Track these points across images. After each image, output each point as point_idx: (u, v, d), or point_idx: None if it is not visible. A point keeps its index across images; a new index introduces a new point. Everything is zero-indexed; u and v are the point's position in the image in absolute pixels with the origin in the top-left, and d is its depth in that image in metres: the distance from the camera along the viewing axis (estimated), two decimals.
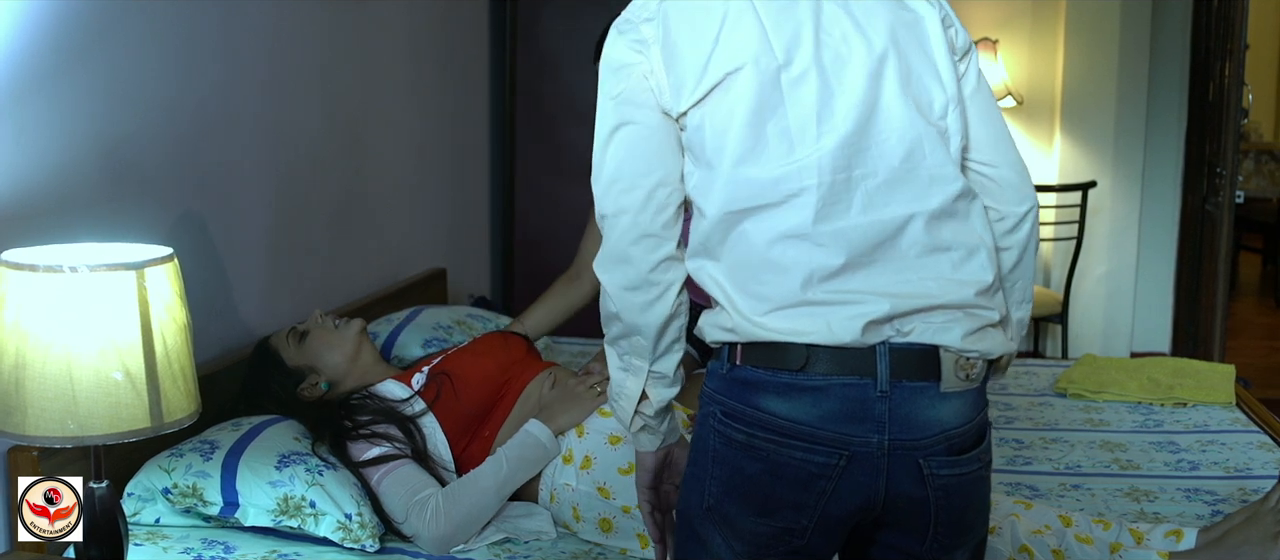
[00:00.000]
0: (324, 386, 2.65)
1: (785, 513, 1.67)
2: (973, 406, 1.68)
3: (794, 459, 1.64)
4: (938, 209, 1.65)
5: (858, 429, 1.62)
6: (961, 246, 1.67)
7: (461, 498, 2.34)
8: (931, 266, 1.65)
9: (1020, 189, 1.76)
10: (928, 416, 1.64)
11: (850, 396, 1.62)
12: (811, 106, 1.62)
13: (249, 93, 2.91)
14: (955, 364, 1.63)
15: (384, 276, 3.73)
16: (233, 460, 2.33)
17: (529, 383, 2.66)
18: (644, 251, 1.70)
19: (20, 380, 1.72)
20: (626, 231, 1.69)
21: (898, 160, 1.64)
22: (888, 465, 1.63)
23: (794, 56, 1.63)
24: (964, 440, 1.67)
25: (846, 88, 1.63)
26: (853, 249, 1.62)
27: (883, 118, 1.64)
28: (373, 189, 3.64)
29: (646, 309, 1.71)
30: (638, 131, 1.69)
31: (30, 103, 2.18)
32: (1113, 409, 3.35)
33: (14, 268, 1.73)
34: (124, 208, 2.44)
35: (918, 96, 1.67)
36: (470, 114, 4.55)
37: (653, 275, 1.70)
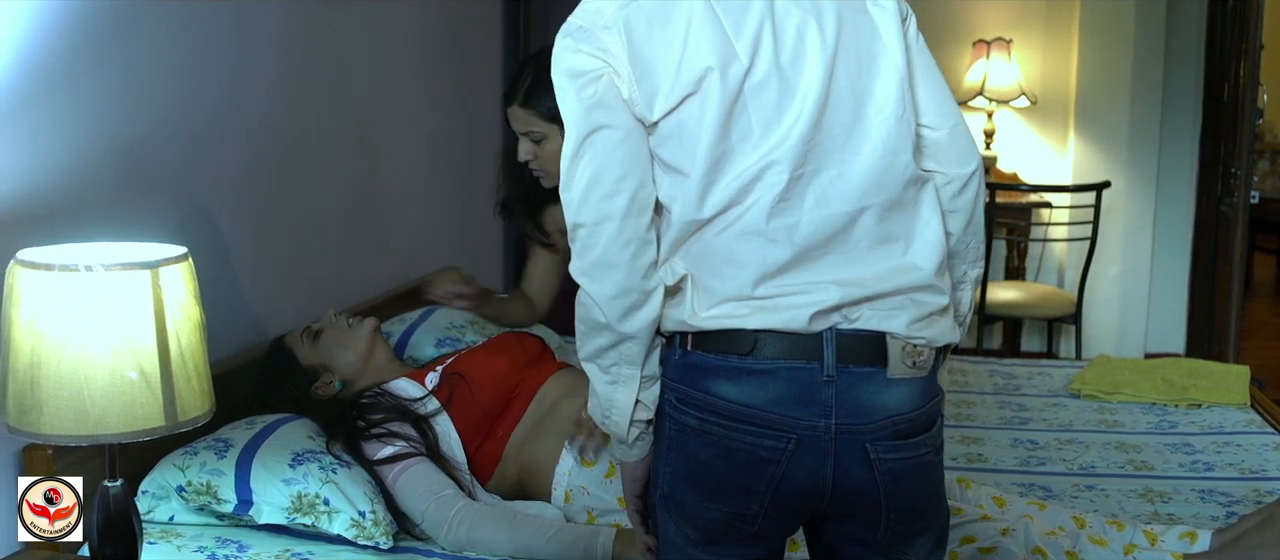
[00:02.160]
0: (338, 385, 2.65)
1: (736, 497, 1.68)
2: (921, 394, 1.69)
3: (744, 443, 1.66)
4: (889, 200, 1.67)
5: (805, 412, 1.64)
6: (909, 234, 1.69)
7: (488, 525, 2.31)
8: (881, 256, 1.67)
9: (965, 150, 1.76)
10: (874, 401, 1.65)
11: (797, 380, 1.64)
12: (772, 108, 1.63)
13: (262, 93, 2.92)
14: (902, 350, 1.65)
15: (397, 276, 3.74)
16: (247, 458, 2.34)
17: (543, 383, 2.65)
18: (631, 257, 1.66)
19: (35, 379, 1.72)
20: (613, 238, 1.66)
21: (850, 154, 1.65)
22: (835, 449, 1.65)
23: (756, 59, 1.63)
24: (912, 426, 1.68)
25: (803, 86, 1.64)
26: (803, 243, 1.64)
27: (836, 112, 1.65)
28: (386, 188, 3.64)
29: (637, 313, 1.68)
30: (613, 135, 1.65)
31: (45, 104, 2.18)
32: (1127, 410, 3.34)
33: (29, 267, 1.74)
34: (138, 207, 2.44)
35: (870, 84, 1.67)
36: (482, 113, 4.55)
37: (642, 281, 1.67)
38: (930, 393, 1.71)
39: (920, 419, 1.70)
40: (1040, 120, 5.90)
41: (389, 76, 3.63)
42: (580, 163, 1.66)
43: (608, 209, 1.65)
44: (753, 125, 1.63)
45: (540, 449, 2.53)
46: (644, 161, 1.67)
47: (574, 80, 1.66)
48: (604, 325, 1.69)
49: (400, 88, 3.72)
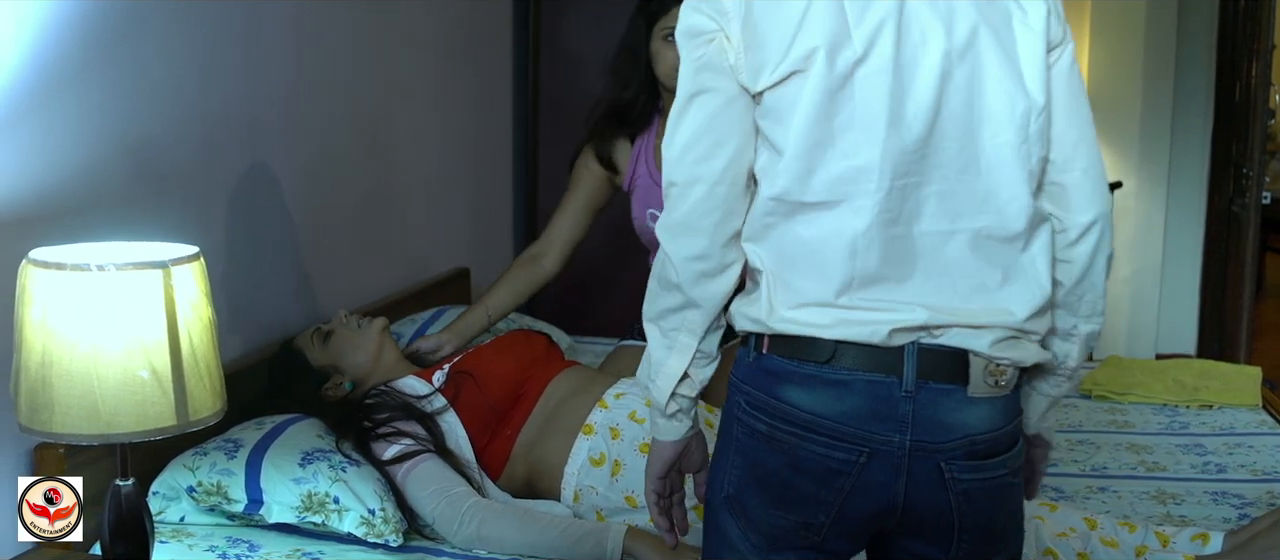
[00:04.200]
0: (347, 386, 2.66)
1: (803, 507, 1.66)
2: (1002, 414, 1.65)
3: (814, 453, 1.63)
4: (992, 230, 1.61)
5: (880, 427, 1.60)
6: (1009, 272, 1.63)
7: (499, 523, 2.31)
8: (974, 288, 1.62)
9: (1090, 197, 1.66)
10: (953, 419, 1.61)
11: (875, 393, 1.60)
12: (882, 107, 1.57)
13: (274, 93, 2.92)
14: (985, 369, 1.61)
15: (407, 276, 3.74)
16: (257, 458, 2.34)
17: (551, 381, 2.65)
18: (715, 223, 1.65)
19: (47, 378, 1.72)
20: (700, 202, 1.64)
21: (955, 172, 1.60)
22: (908, 466, 1.61)
23: (871, 51, 1.57)
24: (990, 446, 1.64)
25: (917, 90, 1.57)
26: (896, 260, 1.60)
27: (949, 125, 1.59)
28: (396, 189, 3.65)
29: (709, 282, 1.67)
30: (715, 99, 1.63)
31: (57, 103, 2.19)
32: (1138, 411, 3.33)
33: (41, 266, 1.74)
34: (150, 207, 2.45)
35: (991, 103, 1.59)
36: (492, 114, 4.55)
37: (722, 251, 1.66)
38: (1011, 413, 1.67)
39: (1001, 440, 1.65)
40: None
41: (400, 76, 3.63)
42: (682, 122, 1.65)
43: (700, 172, 1.64)
44: (856, 117, 1.58)
45: (549, 447, 2.53)
46: (744, 130, 1.64)
47: (690, 40, 1.65)
48: (675, 285, 1.68)
49: (411, 88, 3.73)
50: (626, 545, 2.23)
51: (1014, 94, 1.59)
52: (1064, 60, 1.64)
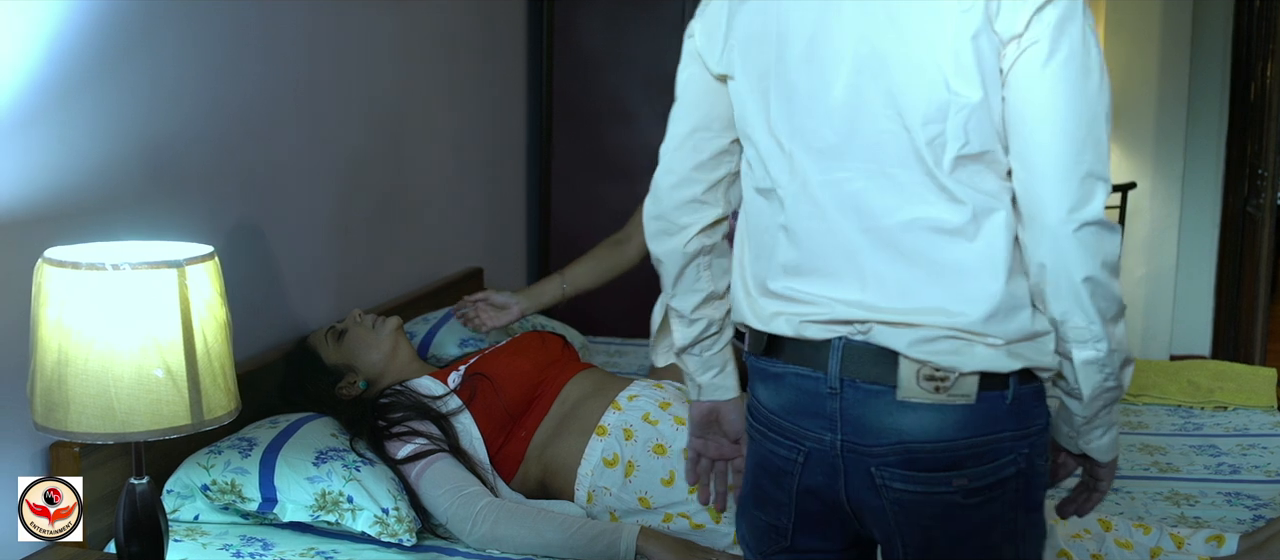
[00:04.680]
0: (362, 385, 2.66)
1: (770, 507, 1.69)
2: (956, 424, 1.54)
3: (769, 451, 1.67)
4: (925, 221, 1.52)
5: (812, 424, 1.60)
6: (950, 269, 1.52)
7: (512, 522, 2.31)
8: (904, 282, 1.54)
9: (1043, 206, 1.50)
10: (882, 423, 1.55)
11: (804, 388, 1.61)
12: (807, 101, 1.58)
13: (289, 93, 2.93)
14: (917, 372, 1.52)
15: (421, 275, 3.75)
16: (271, 457, 2.34)
17: (566, 383, 2.66)
18: (669, 187, 1.77)
19: (63, 377, 1.73)
20: (663, 163, 1.78)
21: (874, 166, 1.54)
22: (843, 467, 1.59)
23: (800, 44, 1.58)
24: (933, 458, 1.55)
25: (836, 85, 1.56)
26: (818, 249, 1.59)
27: (864, 121, 1.54)
28: (410, 188, 3.65)
29: (662, 240, 1.79)
30: (684, 79, 1.75)
31: (74, 103, 2.19)
32: (1152, 412, 3.32)
33: (57, 265, 1.74)
34: (166, 206, 2.46)
35: (901, 99, 1.52)
36: (507, 114, 4.56)
37: (673, 213, 1.77)
38: (973, 425, 1.54)
39: (953, 453, 1.54)
40: None
41: (414, 77, 3.64)
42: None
43: (670, 135, 1.77)
44: (789, 114, 1.60)
45: (563, 449, 2.53)
46: (708, 108, 1.73)
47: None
48: (648, 241, 1.83)
49: (425, 88, 3.73)
50: (640, 545, 2.23)
51: (921, 90, 1.51)
52: (1031, 56, 1.48)
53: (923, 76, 1.50)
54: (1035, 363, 1.56)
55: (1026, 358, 1.55)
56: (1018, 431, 1.57)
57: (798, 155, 1.60)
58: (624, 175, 4.74)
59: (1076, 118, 1.49)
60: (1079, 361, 1.57)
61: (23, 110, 2.08)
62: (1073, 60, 1.48)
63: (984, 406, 1.54)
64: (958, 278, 1.52)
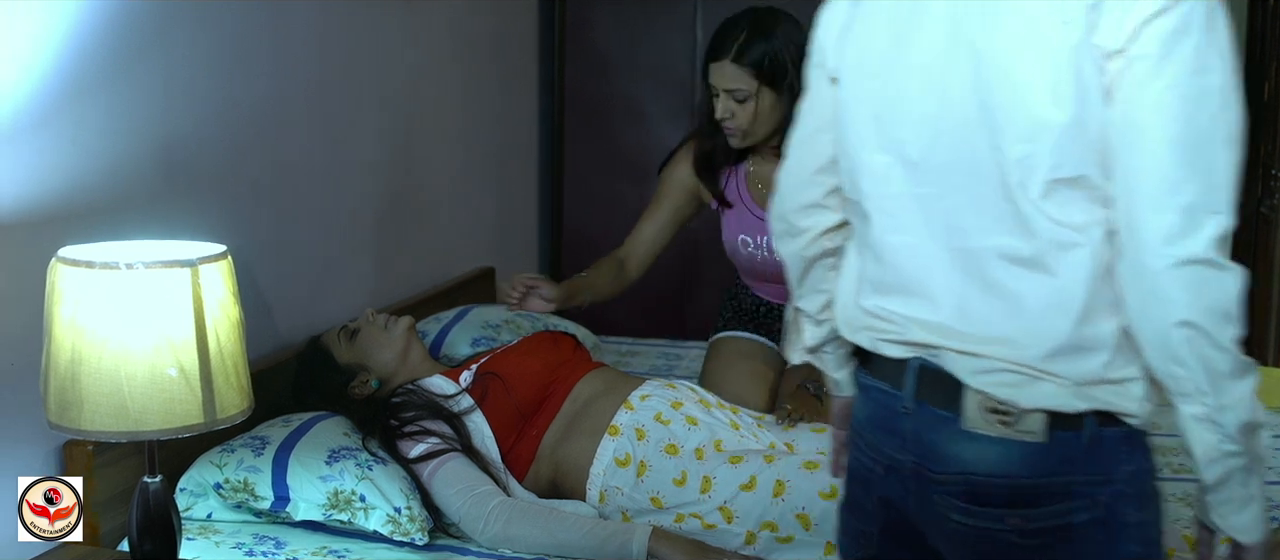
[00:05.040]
0: (374, 384, 2.67)
1: (860, 514, 1.67)
2: (1023, 462, 1.45)
3: (857, 458, 1.66)
4: (1005, 249, 1.43)
5: (888, 441, 1.57)
6: (1024, 301, 1.43)
7: (524, 522, 2.31)
8: (978, 309, 1.46)
9: (1137, 239, 1.36)
10: (948, 450, 1.50)
11: (883, 404, 1.58)
12: (900, 111, 1.51)
13: (301, 94, 2.94)
14: (980, 403, 1.46)
15: (433, 275, 3.75)
16: (283, 455, 2.35)
17: (577, 382, 2.66)
18: (790, 189, 1.73)
19: (77, 375, 1.74)
20: (784, 167, 1.73)
21: (962, 183, 1.46)
22: (914, 488, 1.55)
23: (898, 51, 1.51)
24: (993, 493, 1.48)
25: (931, 95, 1.47)
26: (903, 269, 1.53)
27: (956, 135, 1.45)
28: (422, 188, 3.66)
29: (785, 241, 1.75)
30: (810, 78, 1.69)
31: (87, 103, 2.20)
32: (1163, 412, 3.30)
33: (71, 264, 1.75)
34: (178, 206, 2.46)
35: (994, 115, 1.41)
36: (518, 114, 4.56)
37: (794, 215, 1.73)
38: (1044, 466, 1.45)
39: (1006, 489, 1.46)
40: None
41: (426, 77, 3.64)
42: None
43: (794, 135, 1.72)
44: (873, 120, 1.54)
45: (574, 448, 2.53)
46: (825, 110, 1.65)
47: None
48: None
49: (437, 88, 3.74)
50: (651, 546, 2.23)
51: (1016, 110, 1.40)
52: (1136, 72, 1.34)
53: (1016, 93, 1.39)
54: (1115, 407, 1.44)
55: (1101, 400, 1.43)
56: (1095, 476, 1.46)
57: (888, 167, 1.52)
58: (636, 175, 4.73)
59: (1180, 141, 1.33)
60: (1186, 416, 1.42)
61: (36, 111, 2.09)
62: (1183, 77, 1.33)
63: (1055, 446, 1.45)
64: (1026, 311, 1.43)
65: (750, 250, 3.02)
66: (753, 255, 3.03)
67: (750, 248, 3.02)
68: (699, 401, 2.60)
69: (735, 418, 2.60)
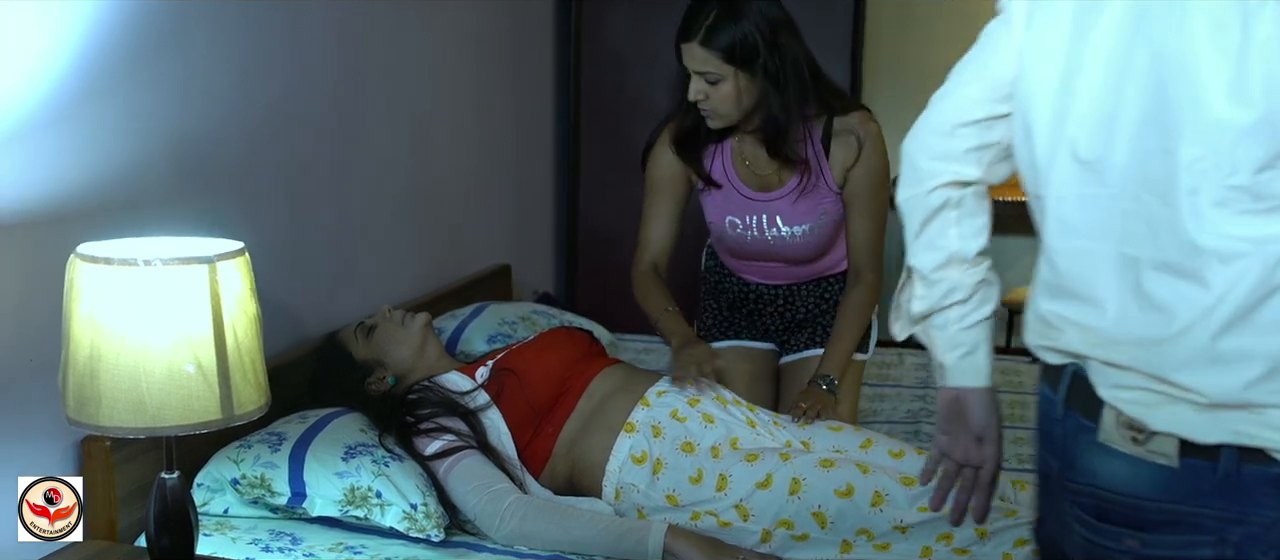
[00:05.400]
0: (391, 381, 2.67)
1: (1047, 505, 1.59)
2: (1150, 483, 1.38)
3: (1038, 452, 1.58)
4: (1168, 261, 1.34)
5: (1046, 448, 1.52)
6: (1178, 315, 1.33)
7: (540, 519, 2.31)
8: (1134, 321, 1.38)
9: None
10: (1084, 461, 1.44)
11: (1044, 410, 1.52)
12: (1077, 104, 1.42)
13: (318, 92, 2.94)
14: (1116, 417, 1.40)
15: (449, 272, 3.76)
16: (300, 451, 2.36)
17: (593, 379, 2.66)
18: (930, 135, 1.63)
19: (95, 371, 1.74)
20: (933, 108, 1.63)
21: (1132, 187, 1.37)
22: (1056, 496, 1.50)
23: (1082, 43, 1.42)
24: (1121, 512, 1.41)
25: (1109, 91, 1.38)
26: (1070, 273, 1.45)
27: (1130, 133, 1.36)
28: (438, 186, 3.66)
29: (906, 186, 1.65)
30: (989, 33, 1.59)
31: (106, 101, 2.21)
32: None
33: (89, 261, 1.76)
34: (196, 203, 2.47)
35: (1171, 114, 1.32)
36: (534, 111, 4.56)
37: (920, 156, 1.63)
38: (1168, 491, 1.37)
39: (1132, 509, 1.40)
40: None
41: (442, 75, 3.65)
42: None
43: (948, 81, 1.64)
44: (1048, 115, 1.46)
45: (590, 445, 2.53)
46: (993, 75, 1.56)
47: None
48: None
49: (453, 87, 3.74)
50: (667, 543, 2.23)
51: (1201, 102, 1.29)
52: None
53: (1196, 90, 1.29)
54: (1256, 440, 1.32)
55: (1240, 431, 1.32)
56: (1228, 514, 1.35)
57: (1063, 166, 1.44)
58: None
59: None
60: None
61: (55, 108, 2.10)
62: None
63: (1186, 473, 1.36)
64: (1173, 322, 1.33)
65: (739, 231, 2.95)
66: (742, 236, 2.96)
67: (739, 229, 2.94)
68: (715, 399, 2.60)
69: (752, 415, 2.60)
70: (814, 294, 3.07)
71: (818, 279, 3.07)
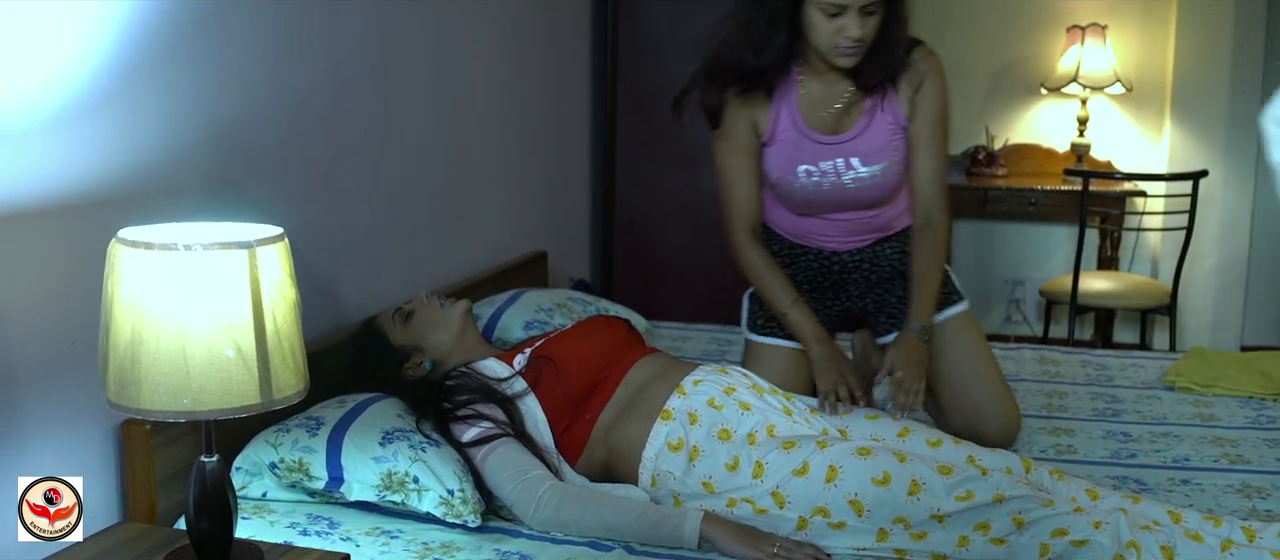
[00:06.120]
0: (428, 366, 2.68)
1: None
2: None
3: None
4: None
5: None
6: None
7: (575, 506, 2.31)
8: None
9: None
10: None
11: None
12: None
13: (356, 78, 2.95)
14: None
15: (486, 258, 3.76)
16: (338, 436, 2.37)
17: (631, 367, 2.66)
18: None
19: (136, 355, 1.75)
20: None
21: None
22: None
23: None
24: None
25: None
26: None
27: None
28: (475, 172, 3.67)
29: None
30: None
31: (146, 87, 2.22)
32: (1223, 403, 3.27)
33: (129, 246, 1.76)
34: (235, 188, 2.48)
35: None
36: (571, 99, 4.56)
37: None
38: None
39: None
40: (1135, 107, 5.78)
41: (480, 63, 3.65)
42: None
43: None
44: None
45: (627, 432, 2.53)
46: None
47: None
48: None
49: (491, 74, 3.75)
50: (703, 530, 2.23)
51: None
52: None
53: None
54: None
55: None
56: None
57: None
58: (687, 161, 4.73)
59: None
60: None
61: (97, 94, 2.11)
62: None
63: None
64: None
65: (815, 179, 2.83)
66: (816, 185, 2.84)
67: (815, 176, 2.83)
68: (752, 387, 2.59)
69: (788, 403, 2.59)
70: (884, 254, 3.00)
71: (880, 239, 3.00)
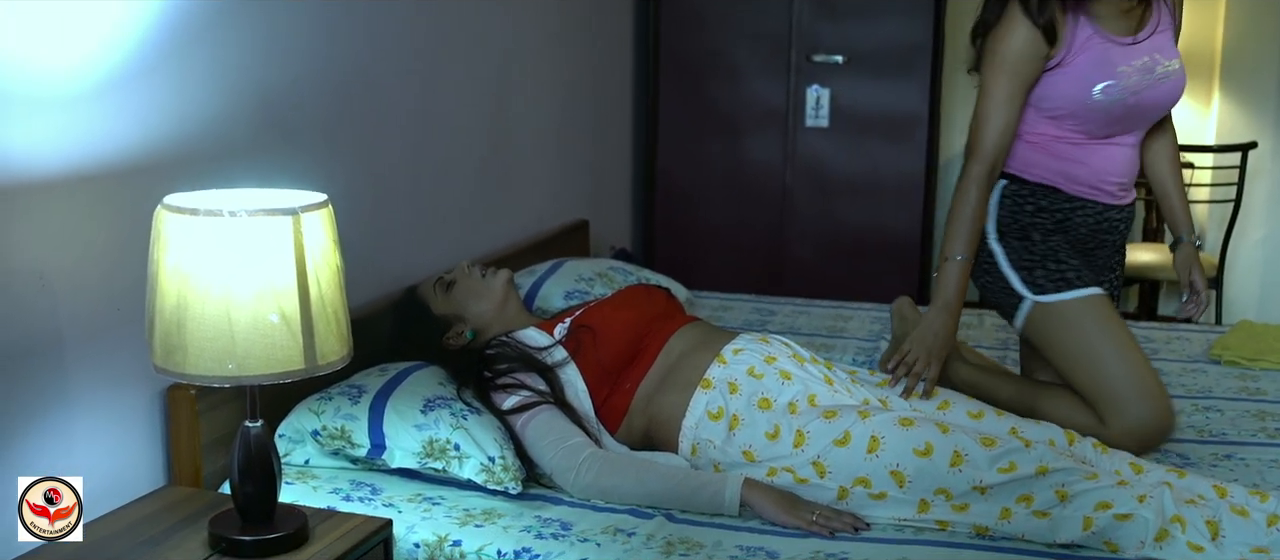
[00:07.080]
0: (469, 335, 2.69)
1: None
2: None
3: None
4: None
5: None
6: None
7: (616, 473, 2.32)
8: None
9: None
10: None
11: None
12: None
13: (398, 47, 2.95)
14: None
15: (527, 227, 3.77)
16: (380, 404, 2.38)
17: (671, 336, 2.66)
18: None
19: (182, 321, 1.76)
20: None
21: None
22: None
23: None
24: None
25: None
26: None
27: None
28: (517, 141, 3.67)
29: None
30: None
31: (191, 55, 2.23)
32: (1270, 377, 3.23)
33: (176, 211, 1.78)
34: (280, 155, 2.49)
35: None
36: (613, 68, 4.55)
37: None
38: None
39: None
40: None
41: (522, 33, 3.65)
42: None
43: None
44: None
45: (667, 401, 2.53)
46: None
47: None
48: None
49: (533, 44, 3.74)
50: (744, 496, 2.23)
51: None
52: None
53: None
54: None
55: None
56: None
57: None
58: (729, 130, 4.71)
59: None
60: None
61: (143, 61, 2.12)
62: None
63: None
64: None
65: (1129, 82, 2.64)
66: (1119, 100, 2.65)
67: (1115, 90, 2.64)
68: (792, 356, 2.59)
69: (829, 372, 2.59)
70: (1127, 219, 2.89)
71: (1132, 201, 2.88)
